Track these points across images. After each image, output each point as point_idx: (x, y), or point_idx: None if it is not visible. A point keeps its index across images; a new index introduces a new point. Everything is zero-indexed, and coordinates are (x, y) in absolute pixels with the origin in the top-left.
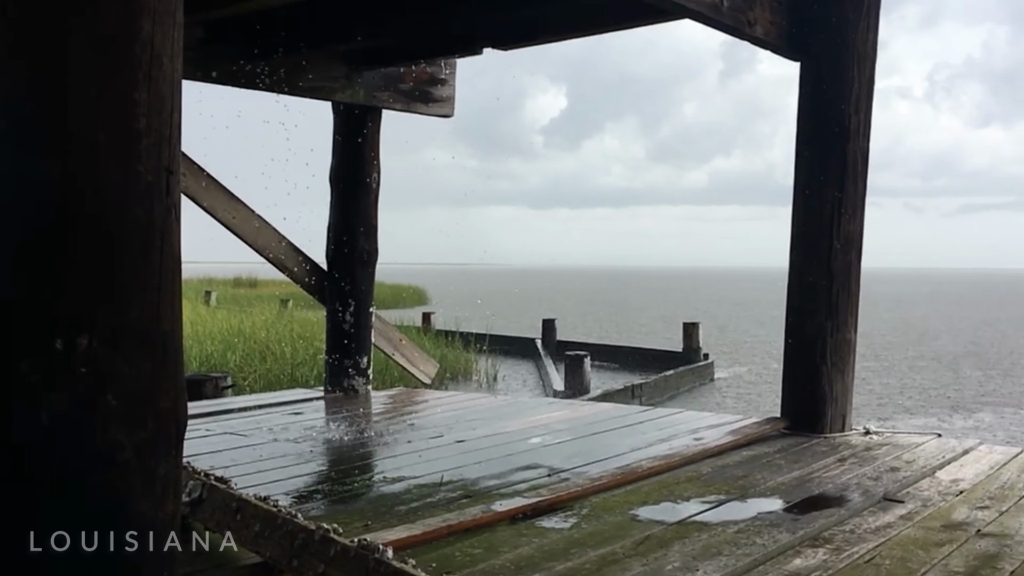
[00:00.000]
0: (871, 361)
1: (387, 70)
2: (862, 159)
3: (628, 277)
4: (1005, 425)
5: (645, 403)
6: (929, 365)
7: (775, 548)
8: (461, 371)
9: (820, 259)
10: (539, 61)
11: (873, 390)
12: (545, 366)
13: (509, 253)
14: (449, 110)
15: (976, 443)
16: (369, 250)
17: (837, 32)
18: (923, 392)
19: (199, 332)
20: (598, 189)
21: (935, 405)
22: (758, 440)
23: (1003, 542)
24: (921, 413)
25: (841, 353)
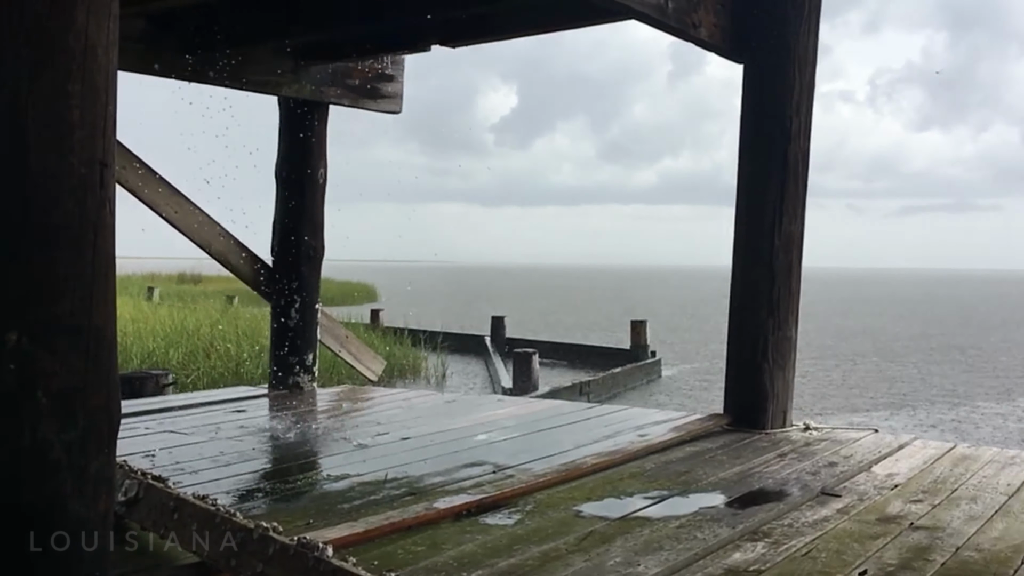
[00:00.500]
0: (818, 358)
1: (334, 65)
2: (803, 161)
3: (578, 275)
4: (945, 420)
5: (593, 400)
6: (869, 362)
7: (715, 542)
8: (410, 369)
9: (762, 259)
10: (490, 59)
11: (817, 386)
12: (494, 363)
13: (460, 250)
14: (397, 106)
15: (911, 438)
16: (315, 246)
17: (778, 36)
18: (865, 388)
19: (141, 329)
20: (549, 187)
21: (877, 401)
22: (701, 436)
23: (935, 534)
24: (863, 409)
25: (782, 350)
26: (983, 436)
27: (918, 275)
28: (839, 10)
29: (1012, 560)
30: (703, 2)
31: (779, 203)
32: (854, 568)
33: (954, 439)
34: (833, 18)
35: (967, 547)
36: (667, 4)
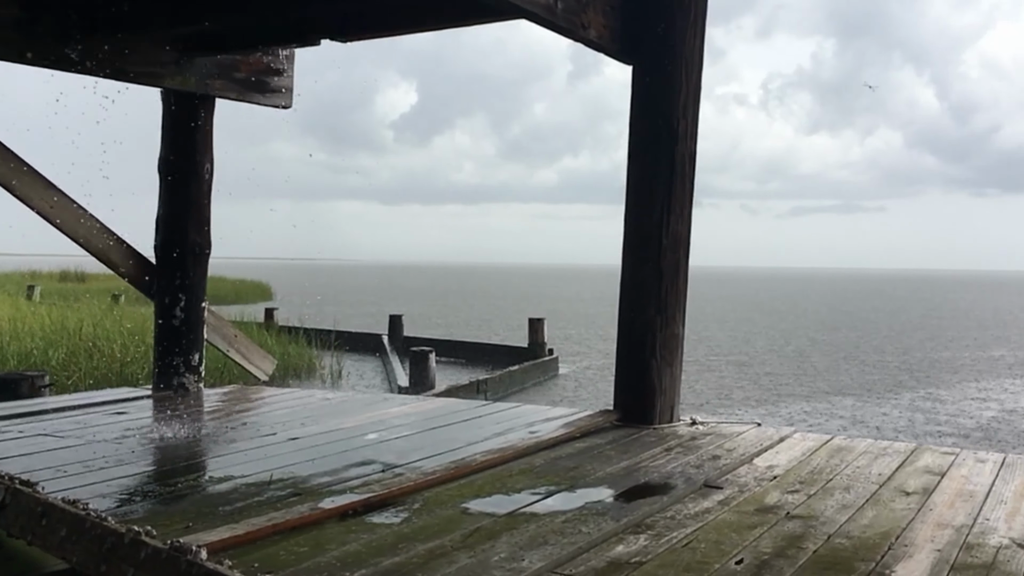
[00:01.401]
0: (711, 356)
1: (221, 58)
2: (690, 162)
3: (479, 273)
4: (833, 411)
5: (490, 398)
6: (759, 359)
7: (599, 535)
8: (305, 368)
9: (650, 257)
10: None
11: (708, 382)
12: (391, 362)
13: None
14: (287, 101)
15: (791, 431)
16: (201, 243)
17: (666, 39)
18: (755, 384)
19: (18, 328)
20: (449, 185)
21: (765, 396)
22: (591, 432)
23: (809, 523)
24: (752, 404)
25: (670, 347)
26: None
27: (808, 274)
28: (733, 14)
29: (880, 546)
30: (593, 3)
31: (666, 203)
32: (731, 557)
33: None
34: (727, 22)
35: (838, 535)
36: (556, 4)
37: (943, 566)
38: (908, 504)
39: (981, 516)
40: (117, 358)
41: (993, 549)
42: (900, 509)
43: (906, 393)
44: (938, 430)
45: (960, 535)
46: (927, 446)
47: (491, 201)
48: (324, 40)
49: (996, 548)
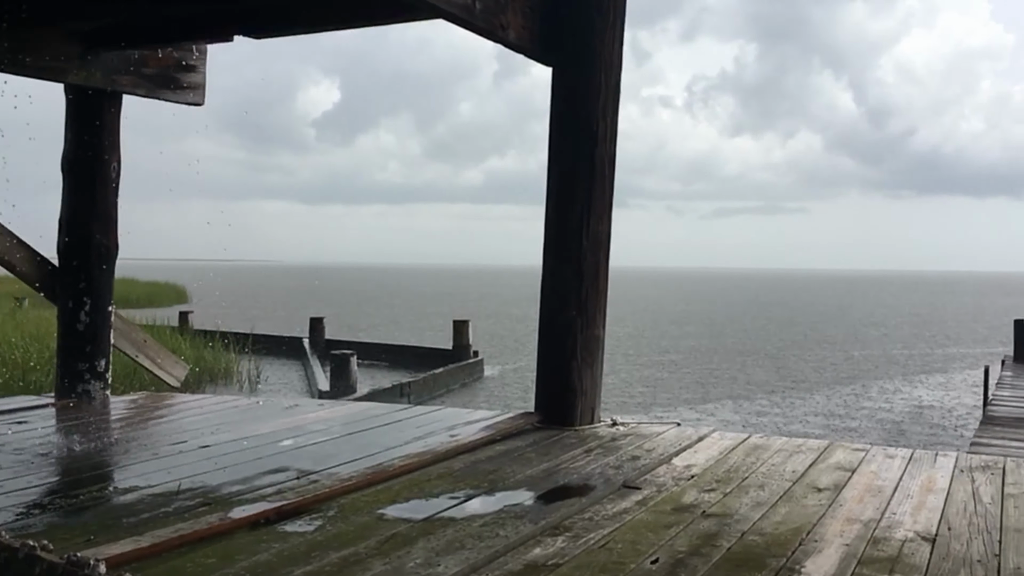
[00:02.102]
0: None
1: (129, 53)
2: (609, 163)
3: (404, 275)
4: (752, 410)
5: (414, 401)
6: (682, 359)
7: (517, 538)
8: (221, 373)
9: (571, 259)
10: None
11: (632, 383)
12: (311, 366)
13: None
14: (199, 98)
15: (710, 430)
16: (108, 244)
17: (585, 41)
18: (679, 383)
19: None
20: (374, 185)
21: (688, 396)
22: (512, 435)
23: (724, 521)
24: (674, 404)
25: (590, 349)
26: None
27: (732, 274)
28: (658, 17)
29: (791, 542)
30: (512, 4)
31: (587, 204)
32: (647, 557)
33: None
34: (652, 25)
35: (752, 532)
36: (475, 5)
37: (851, 560)
38: (819, 500)
39: (888, 510)
40: (19, 365)
41: (899, 542)
42: (812, 505)
43: (823, 390)
44: (855, 425)
45: (868, 529)
46: (839, 443)
47: (416, 201)
48: (237, 36)
49: (902, 541)
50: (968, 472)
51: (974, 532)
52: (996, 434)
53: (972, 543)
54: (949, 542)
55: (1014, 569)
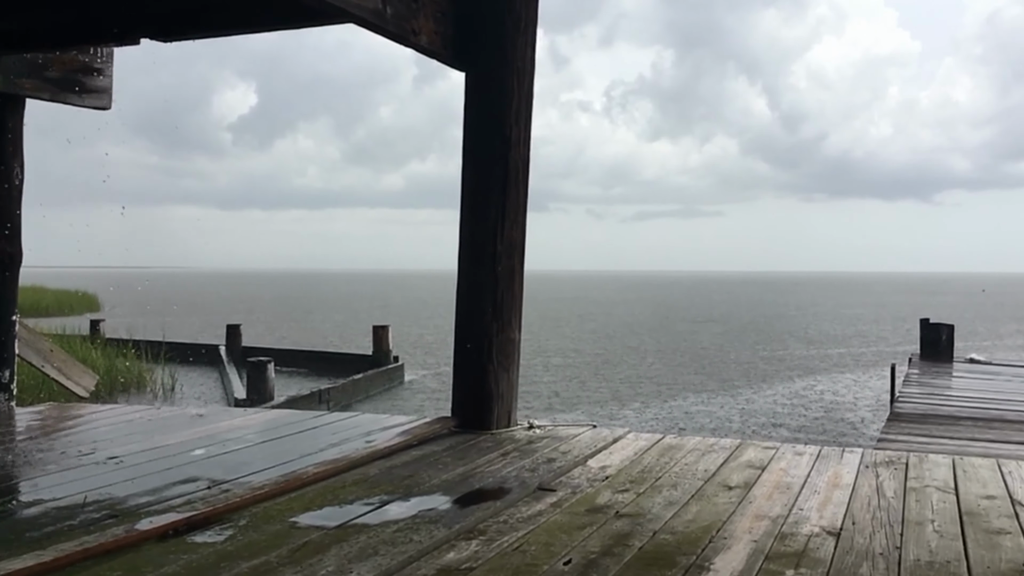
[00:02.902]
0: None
1: (31, 56)
2: (523, 168)
3: (325, 280)
4: (670, 410)
5: (334, 408)
6: (603, 361)
7: (431, 543)
8: (134, 383)
9: (486, 263)
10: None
11: (550, 386)
12: (227, 374)
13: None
14: (106, 102)
15: (625, 431)
16: (11, 252)
17: (498, 46)
18: (598, 385)
19: None
20: (292, 190)
21: (606, 398)
22: (428, 439)
23: (636, 521)
24: (594, 406)
25: (506, 352)
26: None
27: (652, 277)
28: (576, 23)
29: (702, 540)
30: (424, 9)
31: (501, 209)
32: (559, 558)
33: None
34: (571, 30)
35: (663, 531)
36: (386, 9)
37: (758, 556)
38: (730, 498)
39: (796, 506)
40: None
41: (805, 537)
42: (722, 503)
43: (738, 390)
44: (769, 424)
45: (776, 525)
46: (751, 442)
47: (336, 206)
48: (144, 39)
49: (808, 536)
50: (873, 467)
51: (877, 526)
52: (902, 430)
53: (875, 536)
54: (853, 536)
55: (914, 561)
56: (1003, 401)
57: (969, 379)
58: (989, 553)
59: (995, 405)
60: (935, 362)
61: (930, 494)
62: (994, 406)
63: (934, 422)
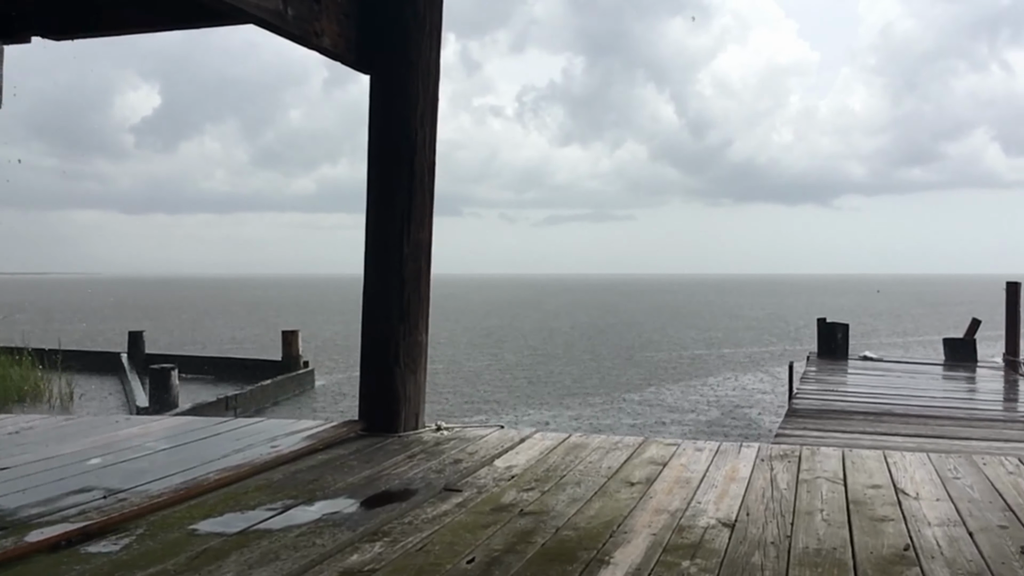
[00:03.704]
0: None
1: None
2: (429, 171)
3: (233, 286)
4: (578, 410)
5: (241, 415)
6: (512, 362)
7: (334, 546)
8: (29, 392)
9: (392, 266)
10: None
11: (462, 387)
12: (130, 381)
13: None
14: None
15: (532, 431)
16: None
17: (403, 50)
18: (507, 387)
19: None
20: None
21: (517, 400)
22: (335, 443)
23: (540, 518)
24: (504, 407)
25: (413, 355)
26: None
27: (564, 280)
28: (487, 28)
29: (602, 535)
30: (327, 11)
31: (407, 212)
32: (463, 557)
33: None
34: (482, 36)
35: (566, 527)
36: (287, 11)
37: (656, 548)
38: (632, 494)
39: (694, 500)
40: None
41: (701, 529)
42: (624, 499)
43: (644, 390)
44: (673, 421)
45: (675, 519)
46: (654, 439)
47: (245, 210)
48: (35, 38)
49: (704, 528)
50: (768, 461)
51: (769, 516)
52: (798, 425)
53: (767, 527)
54: (747, 527)
55: (803, 549)
56: (892, 396)
57: (862, 375)
58: (872, 539)
59: (885, 400)
60: (831, 360)
61: (820, 485)
62: (884, 401)
63: (828, 417)
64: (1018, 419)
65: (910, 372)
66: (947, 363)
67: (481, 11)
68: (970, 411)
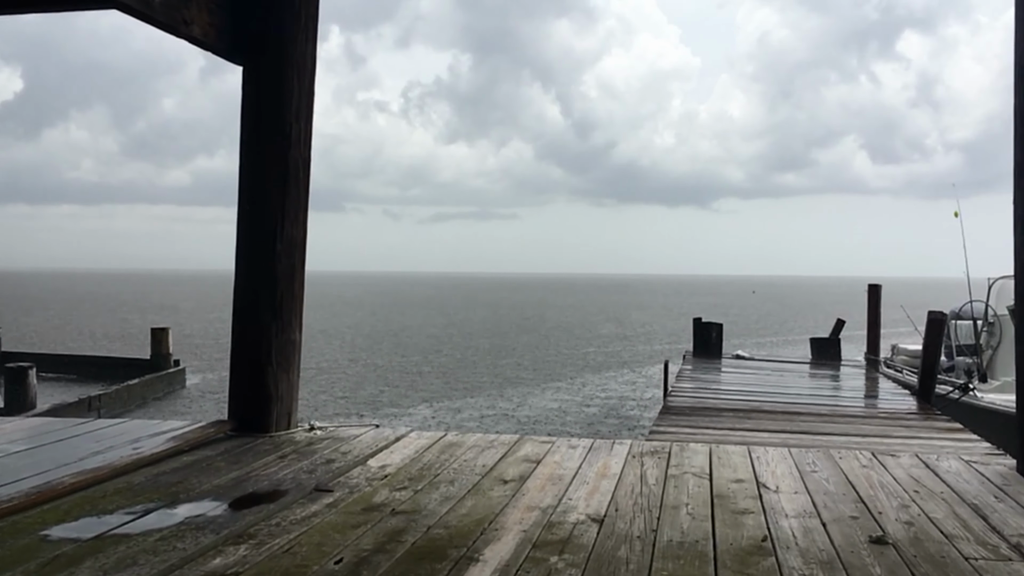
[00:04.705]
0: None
1: None
2: (304, 166)
3: (100, 281)
4: (457, 408)
5: (105, 415)
6: (392, 361)
7: (196, 550)
8: None
9: (264, 263)
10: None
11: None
12: None
13: None
14: None
15: (408, 430)
16: None
17: (276, 42)
18: (386, 385)
19: None
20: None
21: (396, 399)
22: (202, 444)
23: (412, 517)
24: (382, 406)
25: (286, 353)
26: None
27: (448, 278)
28: (373, 22)
29: (474, 532)
30: (197, 0)
31: (281, 208)
32: (331, 558)
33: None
34: (367, 30)
35: (437, 525)
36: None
37: (526, 545)
38: (505, 491)
39: (566, 496)
40: None
41: (571, 525)
42: (497, 496)
43: (524, 388)
44: (552, 419)
45: (545, 515)
46: (529, 437)
47: (114, 202)
48: None
49: (574, 524)
50: (639, 457)
51: (637, 511)
52: (672, 422)
53: (635, 521)
54: (615, 522)
55: (667, 542)
56: (761, 393)
57: (734, 374)
58: (733, 531)
59: (754, 397)
60: (705, 358)
61: (687, 480)
62: (753, 398)
63: (700, 414)
64: (876, 415)
65: (779, 370)
66: (813, 361)
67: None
68: (832, 407)
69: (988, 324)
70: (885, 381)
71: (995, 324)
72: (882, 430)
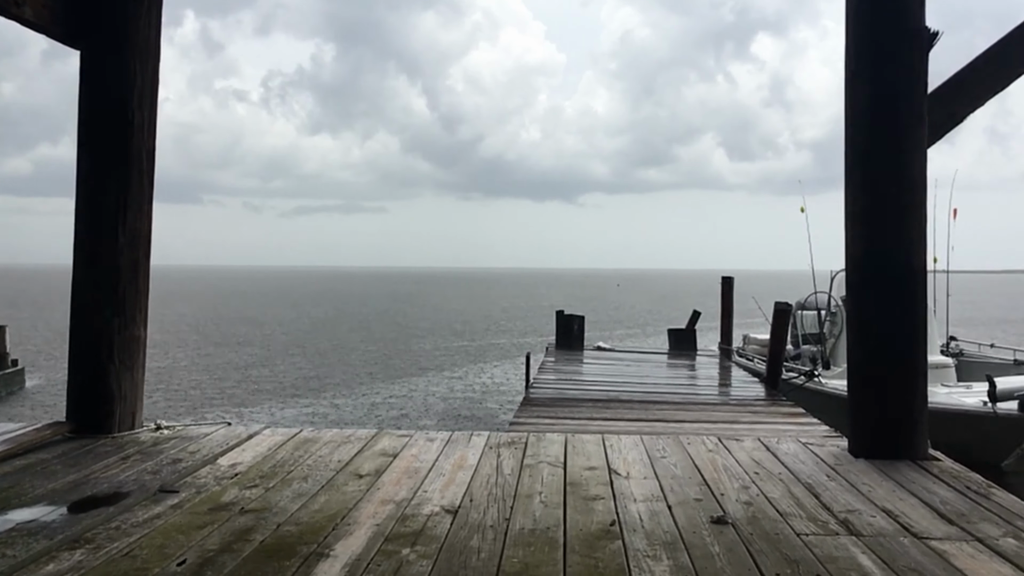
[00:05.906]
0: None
1: None
2: (148, 156)
3: None
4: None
5: None
6: (245, 358)
7: (27, 557)
8: None
9: (105, 256)
10: None
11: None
12: None
13: None
14: None
15: (261, 428)
16: None
17: (116, 26)
18: (239, 383)
19: None
20: None
21: (249, 397)
22: (37, 447)
23: (261, 516)
24: (235, 404)
25: (130, 351)
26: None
27: (312, 272)
28: (231, 8)
29: (325, 528)
30: None
31: (123, 199)
32: (174, 560)
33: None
34: (225, 16)
35: (288, 523)
36: None
37: (378, 538)
38: (359, 486)
39: (421, 489)
40: None
41: (425, 517)
42: (351, 491)
43: (385, 382)
44: (419, 412)
45: (400, 508)
46: (387, 431)
47: None
48: None
49: (428, 516)
50: (496, 448)
51: (491, 501)
52: (532, 413)
53: (488, 511)
54: (469, 512)
55: (519, 530)
56: (620, 384)
57: (595, 365)
58: (583, 517)
59: (612, 387)
60: (568, 350)
61: (542, 469)
62: (612, 388)
63: (560, 405)
64: (726, 402)
65: (638, 361)
66: (671, 352)
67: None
68: (685, 396)
69: (831, 314)
70: (737, 370)
71: (837, 314)
72: (731, 416)
